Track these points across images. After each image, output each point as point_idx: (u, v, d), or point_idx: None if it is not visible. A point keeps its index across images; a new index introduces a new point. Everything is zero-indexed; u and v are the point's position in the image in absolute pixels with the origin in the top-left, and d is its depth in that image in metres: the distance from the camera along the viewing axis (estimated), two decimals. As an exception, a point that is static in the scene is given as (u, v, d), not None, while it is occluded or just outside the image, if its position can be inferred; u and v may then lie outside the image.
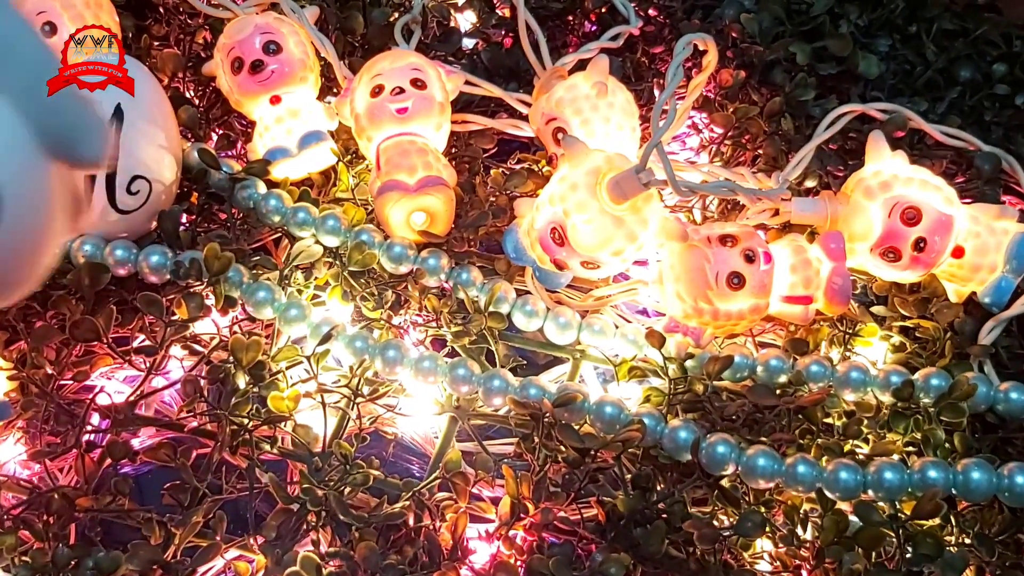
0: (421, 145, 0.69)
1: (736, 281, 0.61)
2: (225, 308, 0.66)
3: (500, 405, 0.64)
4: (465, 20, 0.86)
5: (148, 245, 0.67)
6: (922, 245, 0.65)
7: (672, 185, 0.60)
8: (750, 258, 0.62)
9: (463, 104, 0.79)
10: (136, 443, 0.66)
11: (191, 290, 0.64)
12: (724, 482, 0.60)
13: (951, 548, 0.58)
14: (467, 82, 0.77)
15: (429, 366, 0.64)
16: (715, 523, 0.59)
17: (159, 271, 0.66)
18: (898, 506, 0.58)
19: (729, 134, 0.80)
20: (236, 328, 0.66)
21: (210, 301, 0.65)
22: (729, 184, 0.63)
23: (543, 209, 0.65)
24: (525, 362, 0.69)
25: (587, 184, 0.63)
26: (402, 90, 0.69)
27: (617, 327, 0.68)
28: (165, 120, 0.67)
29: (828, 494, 0.58)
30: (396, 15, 0.81)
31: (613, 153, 0.65)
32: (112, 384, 0.68)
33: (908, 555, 0.56)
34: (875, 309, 0.70)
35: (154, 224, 0.67)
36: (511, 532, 0.59)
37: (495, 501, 0.61)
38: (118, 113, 0.64)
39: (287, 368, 0.64)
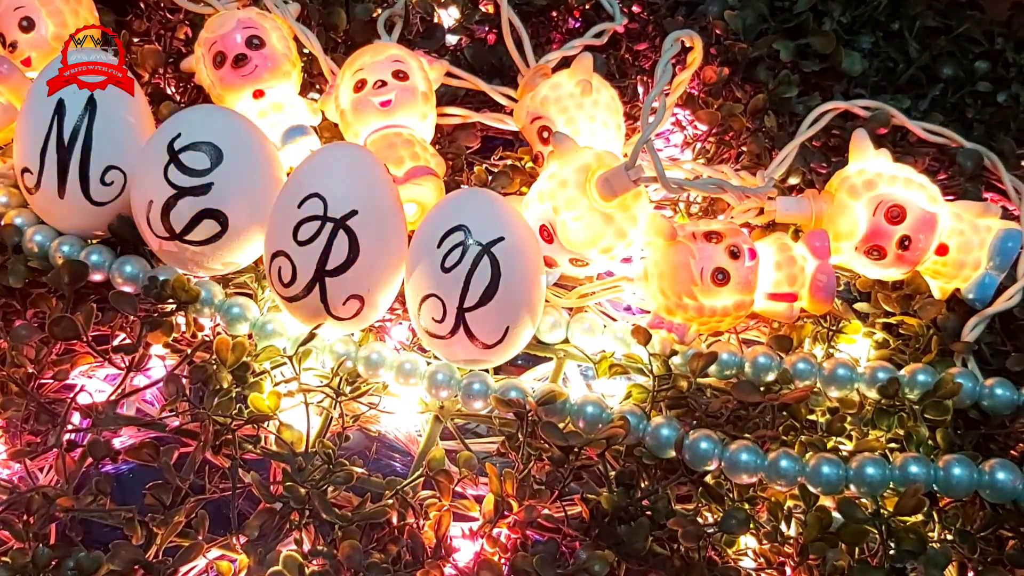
0: (407, 136, 0.69)
1: (721, 277, 0.61)
2: (195, 333, 0.66)
3: (480, 408, 0.64)
4: (448, 16, 0.86)
5: (123, 254, 0.66)
6: (907, 243, 0.65)
7: (662, 182, 0.60)
8: (735, 254, 0.62)
9: (447, 100, 0.78)
10: (117, 442, 0.66)
11: (161, 314, 0.64)
12: (708, 479, 0.60)
13: (934, 544, 0.58)
14: (450, 74, 0.77)
15: (410, 369, 0.64)
16: (699, 520, 0.60)
17: (133, 281, 0.65)
18: (880, 503, 0.58)
19: (713, 131, 0.80)
20: (220, 328, 0.66)
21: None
22: (717, 181, 0.63)
23: (532, 206, 0.65)
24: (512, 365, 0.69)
25: (576, 181, 0.63)
26: (384, 83, 0.69)
27: (605, 326, 0.68)
28: (139, 111, 0.67)
29: (810, 488, 0.58)
30: (379, 11, 0.81)
31: (602, 150, 0.65)
32: (93, 383, 0.68)
33: (891, 551, 0.56)
34: (859, 306, 0.70)
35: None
36: (495, 530, 0.59)
37: (479, 499, 0.61)
38: (91, 103, 0.64)
39: (271, 368, 0.64)
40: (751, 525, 0.58)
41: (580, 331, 0.67)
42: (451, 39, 0.85)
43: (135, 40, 0.80)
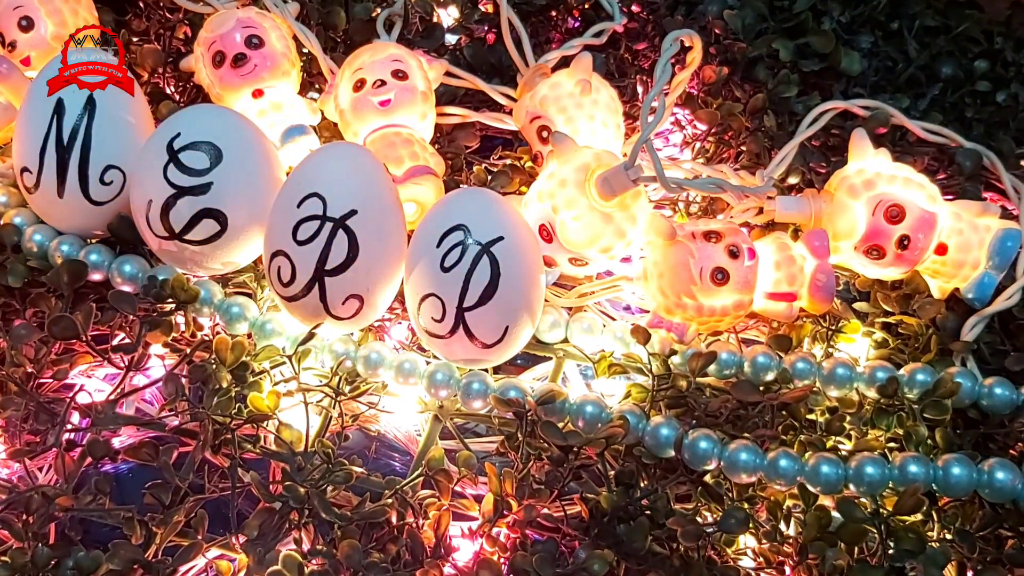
0: (406, 136, 0.69)
1: (720, 276, 0.62)
2: (194, 332, 0.66)
3: (480, 408, 0.64)
4: (448, 16, 0.86)
5: (123, 254, 0.66)
6: (906, 243, 0.65)
7: (661, 181, 0.60)
8: (734, 254, 0.62)
9: (446, 100, 0.78)
10: (117, 442, 0.66)
11: (160, 313, 0.64)
12: (707, 478, 0.60)
13: (933, 544, 0.58)
14: (450, 74, 0.77)
15: (409, 368, 0.64)
16: (698, 519, 0.60)
17: (132, 281, 0.65)
18: (880, 502, 0.58)
19: (712, 131, 0.80)
20: (219, 328, 0.66)
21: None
22: (717, 181, 0.63)
23: (531, 205, 0.65)
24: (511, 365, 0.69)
25: (576, 181, 0.63)
26: (383, 82, 0.69)
27: (604, 325, 0.68)
28: (138, 110, 0.67)
29: (810, 488, 0.58)
30: (378, 10, 0.81)
31: (601, 150, 0.65)
32: (92, 382, 0.68)
33: (891, 551, 0.56)
34: (858, 305, 0.70)
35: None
36: (494, 529, 0.59)
37: (478, 499, 0.61)
38: (90, 103, 0.64)
39: (271, 368, 0.64)
40: (750, 524, 0.58)
41: (579, 331, 0.67)
42: (450, 38, 0.85)
43: (134, 39, 0.80)
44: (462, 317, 0.60)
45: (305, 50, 0.77)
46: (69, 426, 0.62)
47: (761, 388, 0.63)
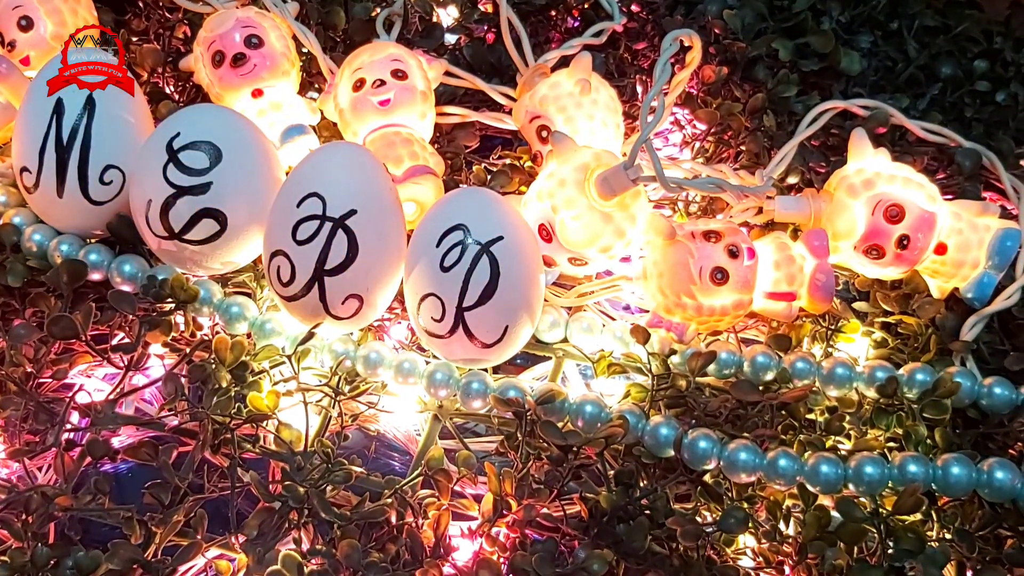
0: (406, 135, 0.69)
1: (720, 276, 0.62)
2: (194, 332, 0.66)
3: (479, 408, 0.64)
4: (447, 15, 0.86)
5: (122, 253, 0.66)
6: (905, 242, 0.65)
7: (661, 181, 0.60)
8: (734, 253, 0.62)
9: (446, 99, 0.78)
10: (116, 442, 0.66)
11: (159, 313, 0.64)
12: (707, 478, 0.60)
13: (932, 543, 0.58)
14: (449, 74, 0.77)
15: (409, 368, 0.64)
16: (698, 519, 0.60)
17: (132, 280, 0.66)
18: (879, 502, 0.58)
19: (712, 130, 0.80)
20: (219, 327, 0.66)
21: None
22: (716, 180, 0.63)
23: (531, 205, 0.65)
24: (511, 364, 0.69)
25: (575, 180, 0.63)
26: (383, 82, 0.69)
27: (604, 325, 0.68)
28: (138, 110, 0.67)
29: (809, 487, 0.58)
30: (378, 10, 0.81)
31: (601, 149, 0.65)
32: (92, 382, 0.68)
33: (890, 550, 0.56)
34: (857, 305, 0.70)
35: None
36: (494, 529, 0.59)
37: (478, 498, 0.61)
38: (90, 102, 0.64)
39: (270, 368, 0.64)
40: (750, 524, 0.58)
41: (579, 330, 0.67)
42: (450, 38, 0.85)
43: (134, 39, 0.80)
44: (462, 317, 0.60)
45: (305, 50, 0.77)
46: (68, 426, 0.62)
47: (761, 388, 0.63)
